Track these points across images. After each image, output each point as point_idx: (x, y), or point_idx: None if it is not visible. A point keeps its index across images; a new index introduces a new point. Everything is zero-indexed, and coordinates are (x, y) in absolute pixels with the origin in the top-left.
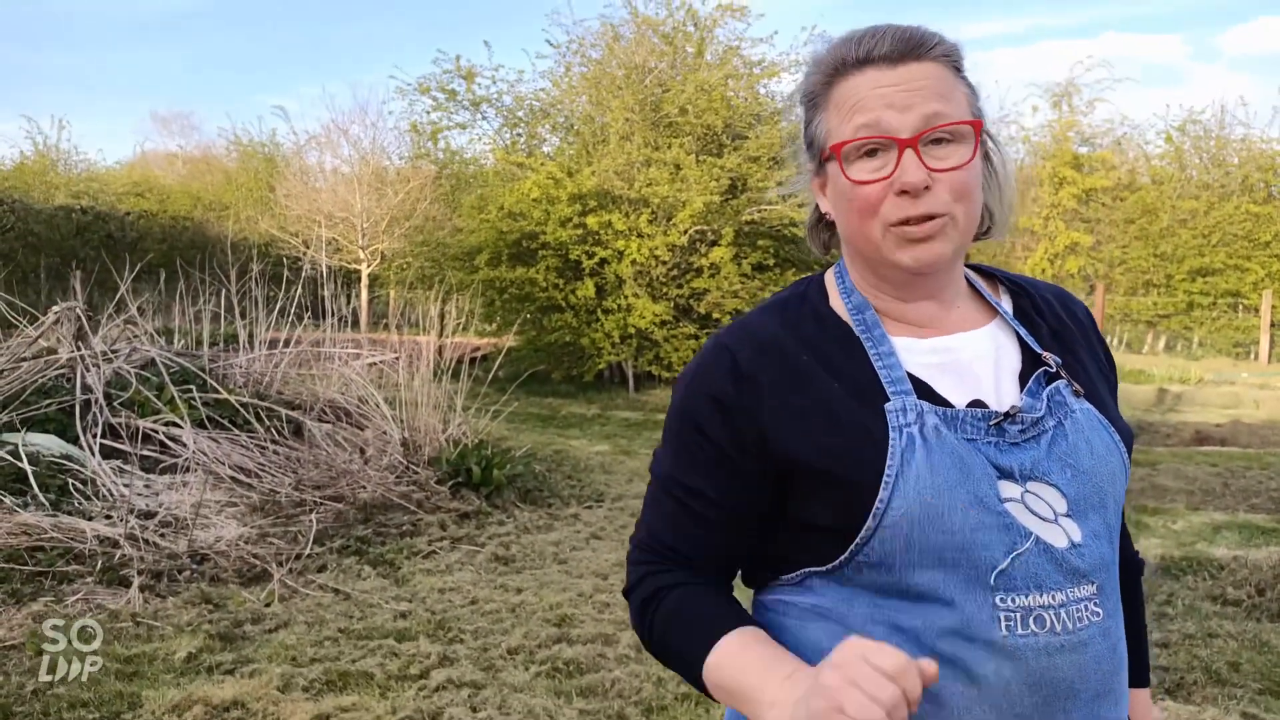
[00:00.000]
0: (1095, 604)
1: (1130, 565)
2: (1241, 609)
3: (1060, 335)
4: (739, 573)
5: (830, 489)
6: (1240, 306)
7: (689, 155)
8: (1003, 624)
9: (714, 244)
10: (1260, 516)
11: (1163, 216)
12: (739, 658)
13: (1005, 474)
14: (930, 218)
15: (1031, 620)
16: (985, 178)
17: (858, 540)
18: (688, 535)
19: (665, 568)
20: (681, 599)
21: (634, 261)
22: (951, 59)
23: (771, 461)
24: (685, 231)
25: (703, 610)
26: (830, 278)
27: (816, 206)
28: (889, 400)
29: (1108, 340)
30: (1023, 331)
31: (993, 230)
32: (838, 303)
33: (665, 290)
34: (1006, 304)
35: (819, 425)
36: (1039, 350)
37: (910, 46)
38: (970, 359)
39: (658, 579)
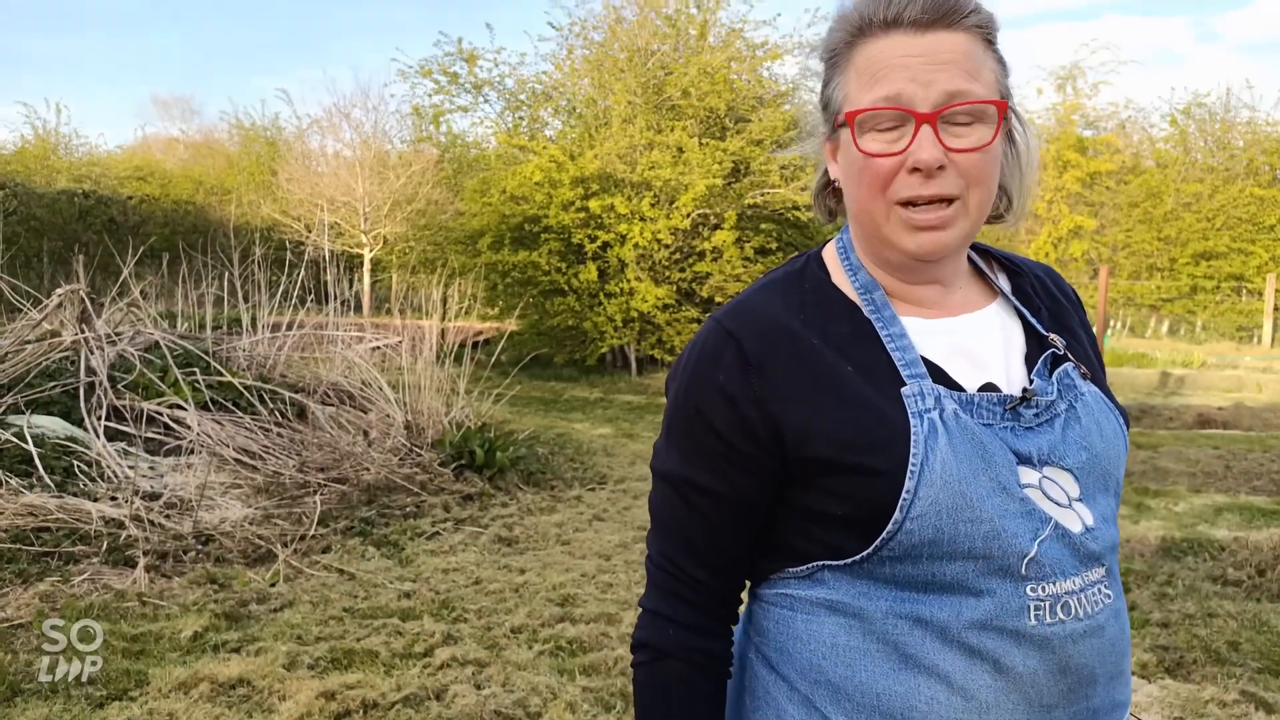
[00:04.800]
0: (1106, 586)
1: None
2: (1242, 589)
3: (1057, 316)
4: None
5: (849, 480)
6: (1244, 290)
7: (691, 138)
8: (1032, 613)
9: (716, 227)
10: (1261, 498)
11: (1167, 200)
12: None
13: (1023, 459)
14: (941, 200)
15: (1059, 608)
16: (1007, 159)
17: (884, 534)
18: (701, 544)
19: (677, 608)
20: (670, 687)
21: (636, 245)
22: (984, 30)
23: (785, 455)
24: (688, 215)
25: (674, 712)
26: (832, 253)
27: (825, 170)
28: (905, 385)
29: (1111, 324)
30: (1027, 313)
31: (1008, 215)
32: (841, 280)
33: (668, 274)
34: (1004, 284)
35: (835, 414)
36: (1044, 332)
37: (942, 13)
38: (979, 341)
39: (663, 634)
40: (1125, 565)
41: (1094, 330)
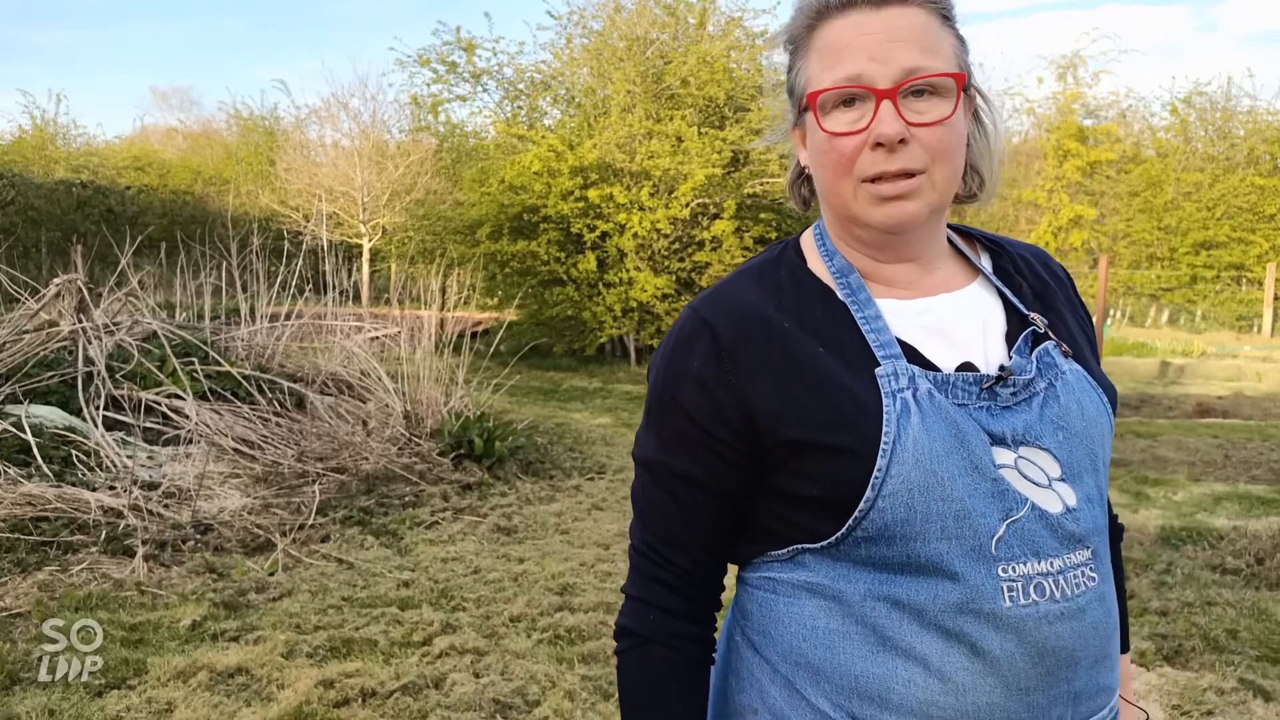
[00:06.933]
0: (1091, 569)
1: (1112, 529)
2: (1240, 578)
3: (1041, 294)
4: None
5: (823, 461)
6: (1244, 280)
7: (691, 127)
8: (1006, 594)
9: (716, 217)
10: (1260, 487)
11: (1167, 189)
12: None
13: (998, 440)
14: (906, 174)
15: (1032, 589)
16: (974, 137)
17: (856, 513)
18: (679, 529)
19: (658, 593)
20: (654, 674)
21: (635, 235)
22: (938, 6)
23: (760, 439)
24: (687, 204)
25: (661, 704)
26: (809, 239)
27: (798, 160)
28: (879, 365)
29: (1111, 314)
30: (1007, 291)
31: (980, 194)
32: (818, 265)
33: (667, 263)
34: (986, 263)
35: (808, 397)
36: (1025, 310)
37: None
38: (956, 321)
39: (645, 619)
40: (1124, 553)
41: (1089, 311)
